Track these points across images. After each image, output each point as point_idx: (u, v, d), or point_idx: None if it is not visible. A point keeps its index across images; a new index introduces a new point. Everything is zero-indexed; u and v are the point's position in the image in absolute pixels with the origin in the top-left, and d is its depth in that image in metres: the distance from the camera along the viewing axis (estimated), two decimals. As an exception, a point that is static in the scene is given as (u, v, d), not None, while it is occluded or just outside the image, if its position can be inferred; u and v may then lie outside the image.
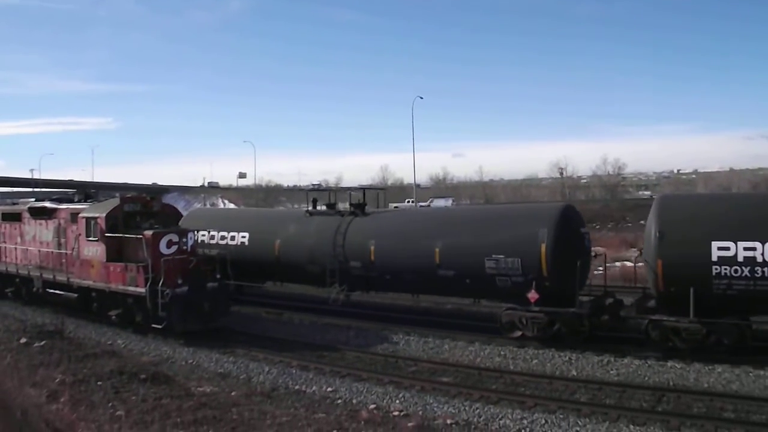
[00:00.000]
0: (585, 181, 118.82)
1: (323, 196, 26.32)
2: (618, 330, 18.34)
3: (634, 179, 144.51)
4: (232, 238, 25.57)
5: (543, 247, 17.88)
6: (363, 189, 25.23)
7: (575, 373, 16.13)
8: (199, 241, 24.12)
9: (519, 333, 18.62)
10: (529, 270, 18.08)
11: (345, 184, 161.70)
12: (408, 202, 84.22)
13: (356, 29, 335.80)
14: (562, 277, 17.79)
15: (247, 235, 25.19)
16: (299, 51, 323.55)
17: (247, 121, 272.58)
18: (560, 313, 17.96)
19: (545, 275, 17.94)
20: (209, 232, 25.79)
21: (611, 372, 16.05)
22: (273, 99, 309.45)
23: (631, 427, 12.33)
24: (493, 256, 18.57)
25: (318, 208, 24.84)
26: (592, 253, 20.19)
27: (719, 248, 15.72)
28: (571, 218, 19.00)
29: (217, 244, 25.70)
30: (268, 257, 24.02)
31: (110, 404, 13.67)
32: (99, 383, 15.23)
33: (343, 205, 24.64)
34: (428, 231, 20.84)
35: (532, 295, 17.95)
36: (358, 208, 23.21)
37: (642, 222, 30.99)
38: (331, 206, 24.48)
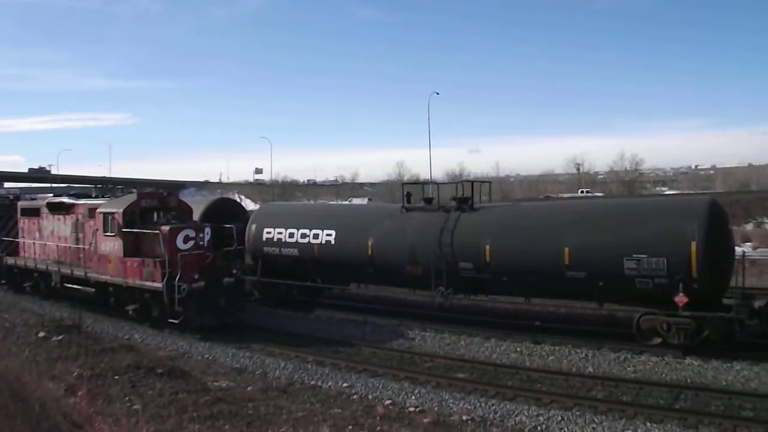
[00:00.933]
0: (602, 176, 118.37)
1: (416, 190, 24.75)
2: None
3: (652, 175, 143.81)
4: (315, 236, 22.85)
5: (693, 245, 16.03)
6: (471, 182, 22.24)
7: (592, 370, 16.05)
8: (273, 239, 23.77)
9: (659, 340, 17.04)
10: (676, 270, 16.23)
11: (361, 180, 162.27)
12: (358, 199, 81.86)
13: (372, 25, 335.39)
14: (712, 279, 16.19)
15: (333, 233, 22.50)
16: (314, 48, 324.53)
17: (263, 118, 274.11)
18: (712, 318, 16.14)
19: (694, 276, 16.06)
20: (287, 229, 23.65)
21: (628, 369, 15.96)
22: (289, 95, 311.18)
23: (648, 424, 12.24)
24: (635, 255, 16.67)
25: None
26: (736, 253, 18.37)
27: None
28: (718, 213, 17.18)
29: (296, 242, 23.33)
30: (359, 258, 21.62)
31: (127, 398, 13.73)
32: (116, 377, 15.30)
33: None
34: (556, 228, 18.67)
35: (681, 298, 16.12)
36: (464, 203, 20.83)
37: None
38: (428, 201, 22.42)
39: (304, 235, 23.23)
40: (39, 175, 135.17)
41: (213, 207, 26.77)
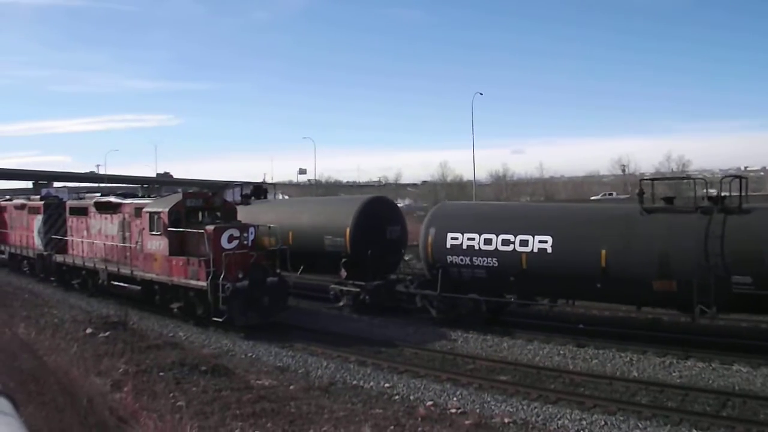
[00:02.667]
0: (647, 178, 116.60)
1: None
2: None
3: (699, 176, 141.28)
4: (523, 242, 18.94)
5: None
6: (738, 178, 18.19)
7: (636, 374, 15.82)
8: (461, 246, 19.98)
9: None
10: None
11: (404, 180, 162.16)
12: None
13: (414, 25, 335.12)
14: None
15: (549, 239, 18.63)
16: (355, 48, 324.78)
17: (307, 117, 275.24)
18: None
19: None
20: (481, 234, 19.70)
21: (673, 374, 15.69)
22: (332, 94, 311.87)
23: (694, 431, 12.04)
24: None
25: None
26: None
27: None
28: None
29: (495, 250, 19.37)
30: (586, 270, 17.85)
31: (171, 395, 13.91)
32: (161, 374, 15.52)
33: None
34: None
35: None
36: (720, 203, 17.25)
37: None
38: (668, 200, 18.83)
39: (506, 242, 19.26)
40: (87, 175, 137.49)
41: (367, 208, 23.71)
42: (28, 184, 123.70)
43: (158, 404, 12.97)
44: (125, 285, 23.87)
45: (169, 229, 21.26)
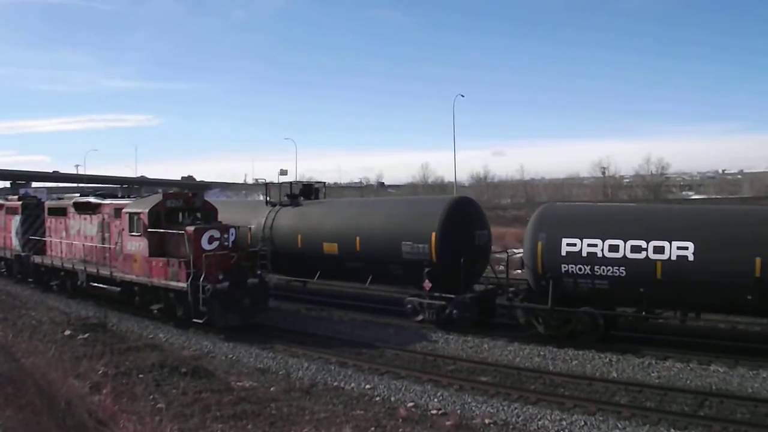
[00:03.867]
0: (628, 180, 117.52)
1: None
2: None
3: (678, 179, 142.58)
4: (658, 249, 16.82)
5: None
6: None
7: (615, 375, 15.93)
8: (580, 254, 17.77)
9: None
10: None
11: (385, 182, 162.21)
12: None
13: (394, 26, 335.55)
14: None
15: (690, 245, 16.49)
16: (337, 49, 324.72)
17: (288, 118, 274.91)
18: None
19: None
20: (604, 240, 17.56)
21: (652, 374, 15.82)
22: (313, 95, 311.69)
23: (672, 431, 12.15)
24: None
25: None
26: None
27: None
28: None
29: (623, 258, 17.23)
30: (736, 280, 15.82)
31: (151, 397, 13.87)
32: (141, 376, 15.47)
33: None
34: None
35: None
36: None
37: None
38: None
39: (636, 248, 17.15)
40: (66, 175, 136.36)
41: (455, 210, 21.10)
42: (6, 184, 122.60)
43: (138, 406, 12.90)
44: (104, 286, 23.70)
45: (148, 229, 21.15)
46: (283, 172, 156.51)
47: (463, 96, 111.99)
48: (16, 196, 39.44)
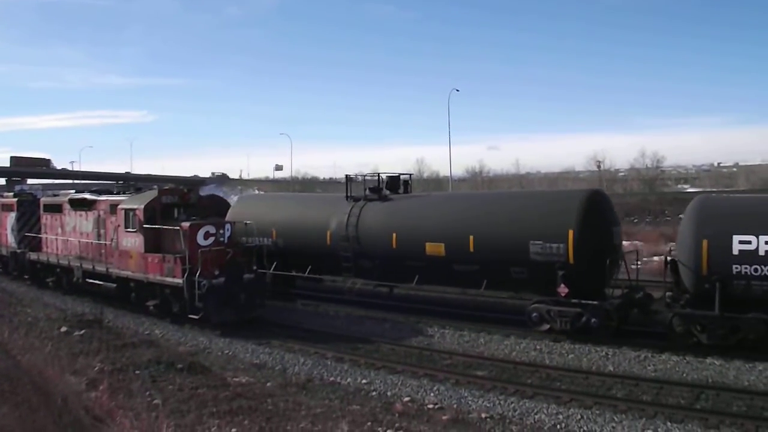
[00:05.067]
0: (623, 174, 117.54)
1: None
2: None
3: (673, 173, 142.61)
4: None
5: None
6: None
7: (612, 369, 15.95)
8: (757, 253, 15.62)
9: None
10: None
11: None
12: None
13: (388, 21, 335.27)
14: None
15: None
16: (333, 43, 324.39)
17: (283, 113, 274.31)
18: None
19: None
20: None
21: (648, 368, 15.85)
22: (308, 88, 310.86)
23: (669, 424, 12.15)
24: None
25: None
26: None
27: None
28: None
29: None
30: None
31: (148, 393, 13.86)
32: (137, 372, 15.46)
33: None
34: None
35: None
36: None
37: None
38: None
39: None
40: (62, 171, 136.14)
41: (592, 204, 18.61)
42: (1, 181, 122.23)
43: (134, 402, 12.90)
44: (100, 282, 23.69)
45: (144, 226, 21.13)
46: (279, 168, 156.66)
47: (458, 90, 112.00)
48: (12, 193, 39.37)
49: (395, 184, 24.09)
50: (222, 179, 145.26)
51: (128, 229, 21.80)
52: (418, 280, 21.38)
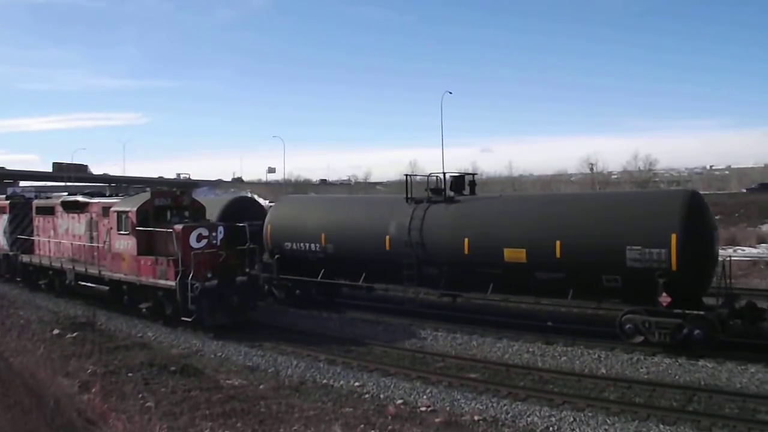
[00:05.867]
0: (616, 176, 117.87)
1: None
2: None
3: (666, 175, 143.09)
4: None
5: None
6: None
7: (604, 371, 15.99)
8: None
9: None
10: None
11: (374, 179, 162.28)
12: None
13: (381, 24, 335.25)
14: None
15: None
16: (324, 46, 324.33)
17: (276, 115, 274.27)
18: None
19: None
20: None
21: (641, 370, 15.89)
22: (301, 90, 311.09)
23: (661, 426, 12.18)
24: None
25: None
26: None
27: None
28: None
29: None
30: None
31: (140, 395, 13.84)
32: (129, 375, 15.44)
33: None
34: None
35: None
36: None
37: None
38: None
39: None
40: (54, 174, 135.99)
41: (694, 205, 17.33)
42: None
43: (127, 405, 12.89)
44: (93, 285, 23.64)
45: (137, 228, 21.09)
46: (271, 170, 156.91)
47: (450, 93, 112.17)
48: (4, 196, 39.28)
49: (459, 184, 22.10)
50: (194, 183, 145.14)
51: (121, 232, 21.76)
52: (492, 289, 19.57)
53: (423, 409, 13.55)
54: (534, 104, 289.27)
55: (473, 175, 23.38)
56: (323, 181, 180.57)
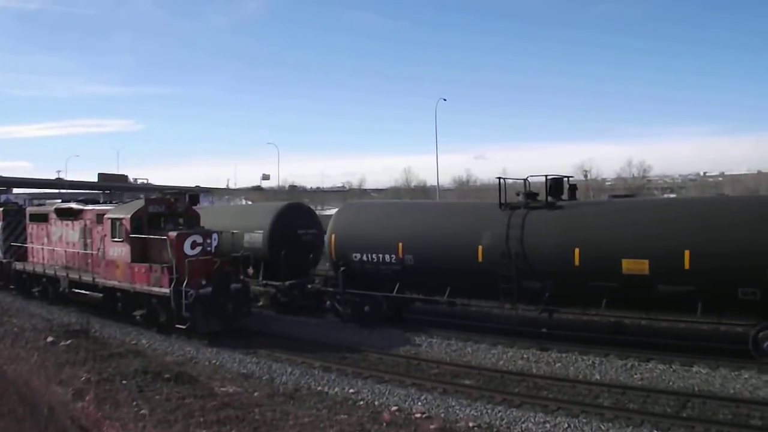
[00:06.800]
0: (609, 183, 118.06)
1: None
2: None
3: (660, 181, 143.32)
4: None
5: None
6: None
7: (598, 377, 16.02)
8: None
9: None
10: None
11: (368, 186, 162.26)
12: None
13: (375, 30, 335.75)
14: None
15: None
16: (319, 51, 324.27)
17: (270, 121, 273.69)
18: None
19: None
20: None
21: (635, 376, 15.92)
22: (296, 99, 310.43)
23: None
24: None
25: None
26: None
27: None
28: None
29: None
30: None
31: (135, 403, 13.79)
32: (123, 382, 15.37)
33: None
34: None
35: None
36: None
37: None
38: None
39: None
40: (48, 181, 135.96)
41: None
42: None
43: (121, 413, 12.86)
44: (87, 292, 23.60)
45: (131, 235, 21.07)
46: (266, 177, 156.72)
47: (445, 100, 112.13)
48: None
49: (558, 188, 20.00)
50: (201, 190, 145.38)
51: (115, 239, 21.73)
52: (606, 304, 17.63)
53: (418, 415, 13.54)
54: (528, 110, 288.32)
55: (569, 177, 21.05)
56: (317, 189, 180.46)
